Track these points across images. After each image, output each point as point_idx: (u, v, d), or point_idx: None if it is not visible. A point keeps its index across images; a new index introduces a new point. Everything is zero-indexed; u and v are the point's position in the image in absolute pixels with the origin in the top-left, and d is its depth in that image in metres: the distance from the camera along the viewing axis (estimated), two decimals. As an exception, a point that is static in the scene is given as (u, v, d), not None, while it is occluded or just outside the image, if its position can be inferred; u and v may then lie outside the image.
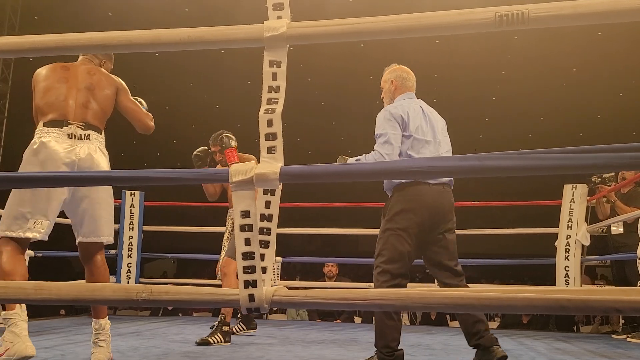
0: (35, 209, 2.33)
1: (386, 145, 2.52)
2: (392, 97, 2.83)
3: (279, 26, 1.32)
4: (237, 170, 1.25)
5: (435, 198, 2.51)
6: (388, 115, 2.64)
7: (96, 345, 2.49)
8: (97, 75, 2.55)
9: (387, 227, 2.55)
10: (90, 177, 1.64)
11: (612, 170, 4.38)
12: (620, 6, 1.20)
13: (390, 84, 2.86)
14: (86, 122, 2.44)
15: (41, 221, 2.33)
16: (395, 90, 2.84)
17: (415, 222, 2.49)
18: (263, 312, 1.27)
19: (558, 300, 1.14)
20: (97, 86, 2.52)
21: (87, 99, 2.47)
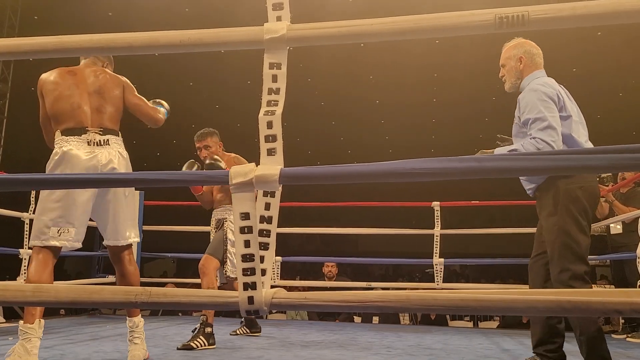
0: (59, 217, 2.36)
1: (549, 131, 2.23)
2: (519, 76, 2.49)
3: (278, 28, 1.32)
4: (237, 172, 1.25)
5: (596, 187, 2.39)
6: (542, 96, 2.30)
7: (132, 343, 2.56)
8: (103, 76, 2.57)
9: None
10: (90, 179, 1.64)
11: (612, 171, 4.38)
12: (620, 8, 1.20)
13: (517, 60, 2.49)
14: (104, 127, 2.48)
15: (67, 229, 2.36)
16: (524, 68, 2.48)
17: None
18: (262, 314, 1.27)
19: (559, 301, 1.14)
20: (106, 88, 2.54)
21: (100, 103, 2.50)
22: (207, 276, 3.50)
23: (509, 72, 2.54)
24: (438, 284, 5.23)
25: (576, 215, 2.28)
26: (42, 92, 2.56)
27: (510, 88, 2.55)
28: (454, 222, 5.83)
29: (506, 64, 2.56)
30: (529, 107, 2.31)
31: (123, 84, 2.61)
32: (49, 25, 7.69)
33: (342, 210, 10.19)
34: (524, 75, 2.49)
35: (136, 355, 2.52)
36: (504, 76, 2.57)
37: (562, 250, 2.27)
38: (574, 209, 2.28)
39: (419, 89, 8.92)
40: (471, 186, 7.85)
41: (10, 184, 1.55)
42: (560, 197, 2.29)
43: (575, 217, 2.28)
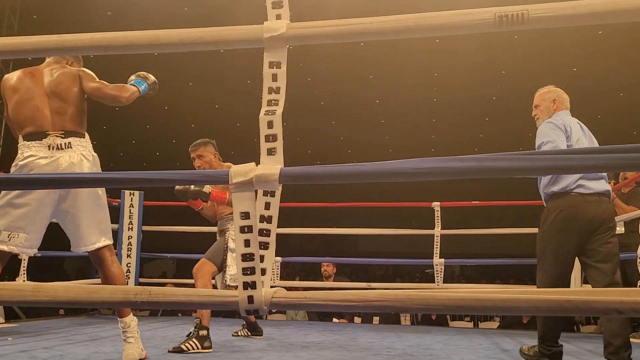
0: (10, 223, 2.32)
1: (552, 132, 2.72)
2: (549, 114, 2.94)
3: (278, 27, 1.32)
4: (237, 172, 1.25)
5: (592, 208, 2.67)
6: (552, 126, 2.78)
7: (126, 342, 2.57)
8: (59, 74, 2.49)
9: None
10: (90, 179, 1.63)
11: (612, 171, 4.38)
12: (620, 6, 1.20)
13: (551, 102, 2.96)
14: (65, 130, 2.41)
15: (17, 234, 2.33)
16: (556, 108, 2.95)
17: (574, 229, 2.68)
18: (262, 314, 1.27)
19: (559, 301, 1.14)
20: (64, 87, 2.46)
21: (59, 105, 2.43)
22: (200, 279, 3.40)
23: (542, 111, 2.98)
24: (438, 284, 5.23)
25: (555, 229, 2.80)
26: (5, 95, 2.53)
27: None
28: (454, 222, 5.83)
29: (540, 104, 3.01)
30: (541, 135, 2.78)
31: (79, 75, 2.51)
32: (48, 25, 7.68)
33: (342, 210, 10.19)
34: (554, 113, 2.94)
35: (130, 354, 2.51)
36: (537, 115, 3.01)
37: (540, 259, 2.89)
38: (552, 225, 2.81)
39: (419, 88, 8.91)
40: (471, 186, 7.85)
41: (10, 184, 1.55)
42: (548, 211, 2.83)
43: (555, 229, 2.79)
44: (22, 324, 4.41)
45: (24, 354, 2.78)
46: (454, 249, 6.45)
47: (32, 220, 2.35)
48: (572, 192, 2.65)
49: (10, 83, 2.51)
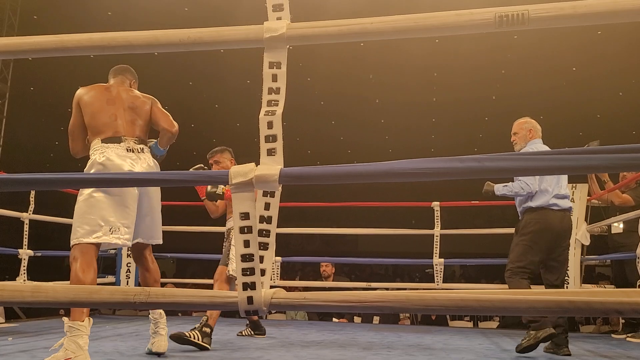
0: (111, 219, 2.53)
1: (530, 178, 3.32)
2: (525, 141, 3.50)
3: (278, 27, 1.32)
4: (237, 172, 1.25)
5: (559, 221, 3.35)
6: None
7: (157, 334, 2.84)
8: (134, 94, 2.87)
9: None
10: (90, 179, 1.63)
11: (612, 171, 4.37)
12: (620, 7, 1.20)
13: (527, 131, 3.51)
14: (138, 137, 2.74)
15: (118, 228, 2.55)
16: (532, 137, 3.51)
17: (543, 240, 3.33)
18: (262, 314, 1.27)
19: (559, 302, 1.14)
20: (138, 104, 2.82)
21: (133, 117, 2.77)
22: (217, 282, 3.62)
23: (520, 138, 3.54)
24: (438, 284, 5.23)
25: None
26: (80, 104, 2.77)
27: (520, 148, 3.52)
28: (454, 222, 5.83)
29: (519, 132, 3.56)
30: None
31: (152, 100, 2.89)
32: (48, 25, 7.67)
33: (342, 210, 10.18)
34: (529, 140, 3.51)
35: (163, 346, 2.78)
36: (515, 140, 3.56)
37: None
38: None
39: (419, 88, 8.90)
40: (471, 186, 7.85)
41: (10, 184, 1.55)
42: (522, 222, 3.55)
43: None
44: (22, 323, 4.41)
45: (24, 353, 2.79)
46: (454, 249, 6.45)
47: (128, 215, 2.59)
48: (547, 208, 3.32)
49: (89, 93, 2.78)
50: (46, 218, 5.02)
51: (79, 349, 2.29)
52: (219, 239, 4.00)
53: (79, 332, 2.32)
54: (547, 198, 3.34)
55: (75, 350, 2.28)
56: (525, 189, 3.34)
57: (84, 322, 2.34)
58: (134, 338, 3.62)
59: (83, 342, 2.32)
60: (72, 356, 2.27)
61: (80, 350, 2.29)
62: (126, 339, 3.56)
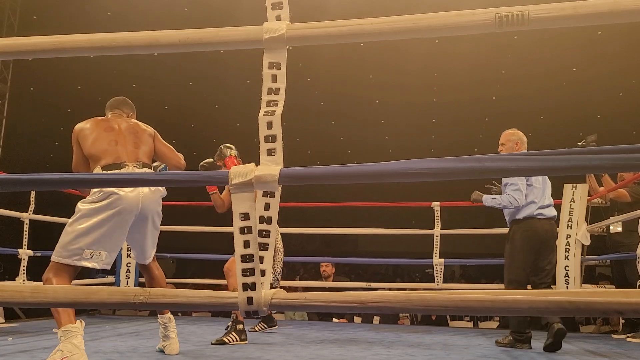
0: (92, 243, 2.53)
1: (517, 192, 3.50)
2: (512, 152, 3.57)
3: (278, 27, 1.32)
4: (237, 173, 1.25)
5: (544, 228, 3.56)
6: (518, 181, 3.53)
7: (168, 338, 2.92)
8: (134, 122, 2.88)
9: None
10: (89, 180, 1.63)
11: (612, 171, 4.37)
12: (620, 7, 1.20)
13: (514, 143, 3.67)
14: (140, 161, 2.72)
15: (99, 252, 2.56)
16: (518, 148, 3.65)
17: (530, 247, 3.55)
18: (262, 315, 1.27)
19: (559, 302, 1.14)
20: (139, 129, 2.83)
21: (134, 141, 2.76)
22: (232, 277, 3.62)
23: (507, 150, 3.66)
24: (438, 284, 5.23)
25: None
26: (78, 138, 2.76)
27: None
28: (454, 222, 5.82)
29: (506, 144, 3.70)
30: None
31: (153, 133, 2.89)
32: (48, 25, 7.67)
33: (342, 210, 10.18)
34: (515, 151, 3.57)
35: (175, 348, 2.88)
36: (502, 151, 3.68)
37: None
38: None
39: (419, 89, 8.90)
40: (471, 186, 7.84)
41: (10, 184, 1.55)
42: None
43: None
44: (22, 323, 4.41)
45: (24, 353, 2.78)
46: (454, 249, 6.45)
47: (111, 240, 2.59)
48: (533, 218, 3.54)
49: (86, 126, 2.78)
50: (46, 218, 5.02)
51: (74, 348, 2.31)
52: (219, 239, 4.00)
53: (71, 333, 2.34)
54: (532, 209, 3.55)
55: (71, 349, 2.30)
56: (513, 203, 3.51)
57: (76, 323, 2.38)
58: (133, 338, 3.62)
59: (78, 341, 2.34)
60: (69, 355, 2.28)
61: (76, 349, 2.31)
62: (126, 338, 3.56)
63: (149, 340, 3.47)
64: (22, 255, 4.54)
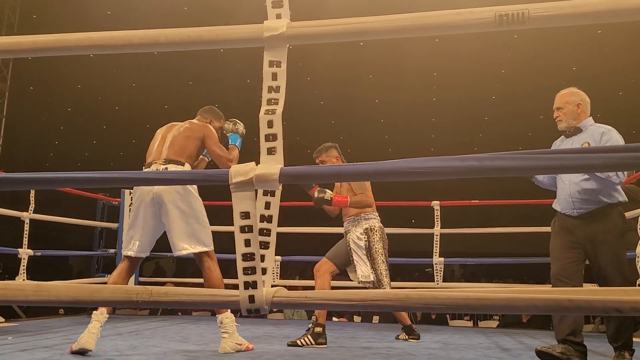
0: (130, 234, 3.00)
1: None
2: (574, 119, 2.93)
3: (278, 26, 1.32)
4: (237, 172, 1.25)
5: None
6: (621, 139, 2.93)
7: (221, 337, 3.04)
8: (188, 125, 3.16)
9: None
10: (88, 179, 1.63)
11: (612, 171, 4.36)
12: (620, 6, 1.20)
13: (575, 106, 2.94)
14: (167, 158, 2.99)
15: (135, 242, 2.98)
16: (580, 113, 2.94)
17: None
18: (263, 313, 1.27)
19: (559, 300, 1.14)
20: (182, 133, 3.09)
21: (171, 143, 3.06)
22: (319, 279, 3.65)
23: (566, 114, 2.93)
24: (438, 283, 5.23)
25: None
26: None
27: (566, 127, 2.94)
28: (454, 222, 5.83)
29: (564, 107, 2.95)
30: (612, 141, 2.86)
31: (204, 133, 3.11)
32: (47, 25, 7.67)
33: (342, 210, 10.18)
34: (581, 118, 2.93)
35: (224, 348, 2.98)
36: (559, 117, 2.95)
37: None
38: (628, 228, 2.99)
39: (418, 88, 8.91)
40: (471, 185, 7.85)
41: (10, 184, 1.55)
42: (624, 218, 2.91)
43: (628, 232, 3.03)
44: (22, 323, 4.41)
45: (24, 353, 2.78)
46: (454, 248, 6.45)
47: (142, 231, 2.97)
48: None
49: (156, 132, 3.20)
50: (46, 217, 5.02)
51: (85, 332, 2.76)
52: (219, 238, 3.99)
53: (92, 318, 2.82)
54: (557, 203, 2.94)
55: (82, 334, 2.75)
56: (620, 176, 2.82)
57: (98, 310, 2.84)
58: (133, 337, 3.62)
59: (91, 326, 2.78)
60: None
61: (86, 332, 2.75)
62: (126, 337, 3.56)
63: (149, 340, 3.48)
64: (22, 254, 4.54)
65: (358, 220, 3.71)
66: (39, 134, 9.53)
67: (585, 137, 2.89)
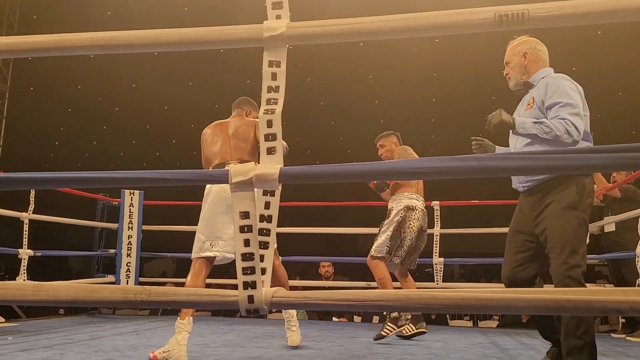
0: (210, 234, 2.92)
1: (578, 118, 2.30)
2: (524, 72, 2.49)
3: (278, 26, 1.32)
4: (237, 171, 1.25)
5: None
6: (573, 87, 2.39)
7: (289, 330, 3.28)
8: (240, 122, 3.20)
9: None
10: (88, 179, 1.63)
11: (612, 170, 4.37)
12: (620, 6, 1.20)
13: (522, 56, 2.49)
14: (242, 159, 3.02)
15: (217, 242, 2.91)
16: (528, 64, 2.48)
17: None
18: (262, 313, 1.27)
19: (558, 300, 1.14)
20: (241, 131, 3.13)
21: (236, 142, 3.10)
22: (376, 269, 3.76)
23: (513, 69, 2.51)
24: (438, 283, 5.23)
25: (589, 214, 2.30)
26: (201, 142, 3.21)
27: (515, 85, 2.53)
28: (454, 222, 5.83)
29: (511, 60, 2.53)
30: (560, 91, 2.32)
31: (255, 125, 3.11)
32: (47, 25, 7.67)
33: (342, 210, 10.19)
34: (530, 71, 2.46)
35: (295, 340, 3.21)
36: (509, 74, 2.55)
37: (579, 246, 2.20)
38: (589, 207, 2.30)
39: (418, 88, 8.91)
40: (471, 185, 7.85)
41: (10, 184, 1.55)
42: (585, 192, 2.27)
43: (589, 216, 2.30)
44: (22, 323, 4.41)
45: (24, 353, 2.79)
46: (454, 248, 6.45)
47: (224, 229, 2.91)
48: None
49: (207, 132, 3.22)
50: (46, 218, 5.02)
51: (176, 345, 2.67)
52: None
53: (179, 329, 2.72)
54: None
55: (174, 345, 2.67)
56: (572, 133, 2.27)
57: (184, 320, 2.75)
58: (133, 337, 3.62)
59: (181, 337, 2.71)
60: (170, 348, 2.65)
61: (177, 345, 2.66)
62: (126, 337, 3.56)
63: (149, 340, 3.48)
64: (22, 255, 4.54)
65: (400, 199, 3.85)
66: (39, 134, 9.53)
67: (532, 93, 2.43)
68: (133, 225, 5.35)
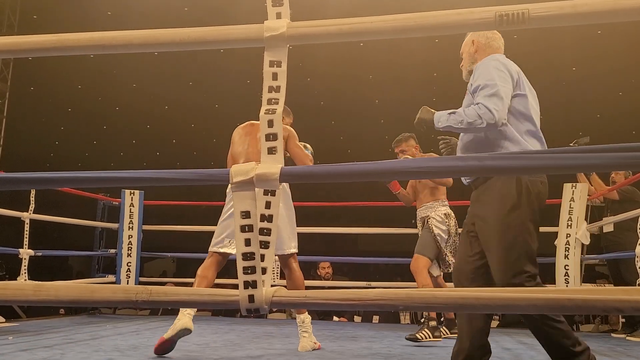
0: (230, 232, 2.99)
1: (494, 99, 2.07)
2: (473, 61, 2.32)
3: (279, 26, 1.32)
4: (238, 171, 1.25)
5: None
6: (499, 65, 2.17)
7: (300, 336, 3.22)
8: None
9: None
10: (87, 178, 1.63)
11: (612, 170, 4.38)
12: (620, 6, 1.20)
13: (471, 45, 2.33)
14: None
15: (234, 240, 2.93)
16: (477, 52, 2.31)
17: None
18: (263, 312, 1.27)
19: (559, 300, 1.14)
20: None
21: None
22: (419, 275, 3.70)
23: (465, 60, 2.38)
24: (438, 283, 5.22)
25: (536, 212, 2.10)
26: (231, 140, 3.26)
27: (466, 76, 2.38)
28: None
29: (463, 51, 2.40)
30: (482, 74, 2.17)
31: (288, 133, 3.17)
32: (47, 25, 7.67)
33: (342, 210, 10.19)
34: (478, 59, 2.30)
35: (304, 346, 3.17)
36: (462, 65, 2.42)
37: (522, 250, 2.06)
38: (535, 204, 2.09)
39: (418, 88, 8.90)
40: (471, 185, 7.83)
41: (10, 184, 1.55)
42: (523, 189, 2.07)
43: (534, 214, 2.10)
44: (23, 323, 4.41)
45: (25, 353, 2.79)
46: (454, 248, 6.43)
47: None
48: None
49: (235, 132, 3.27)
50: (47, 218, 5.02)
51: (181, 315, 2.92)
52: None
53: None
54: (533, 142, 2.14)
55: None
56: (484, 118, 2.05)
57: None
58: (134, 337, 3.62)
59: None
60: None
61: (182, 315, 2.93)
62: (126, 337, 3.56)
63: (149, 339, 3.48)
64: (22, 254, 4.54)
65: (436, 207, 3.82)
66: (39, 134, 9.53)
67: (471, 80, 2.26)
68: (133, 225, 5.35)
